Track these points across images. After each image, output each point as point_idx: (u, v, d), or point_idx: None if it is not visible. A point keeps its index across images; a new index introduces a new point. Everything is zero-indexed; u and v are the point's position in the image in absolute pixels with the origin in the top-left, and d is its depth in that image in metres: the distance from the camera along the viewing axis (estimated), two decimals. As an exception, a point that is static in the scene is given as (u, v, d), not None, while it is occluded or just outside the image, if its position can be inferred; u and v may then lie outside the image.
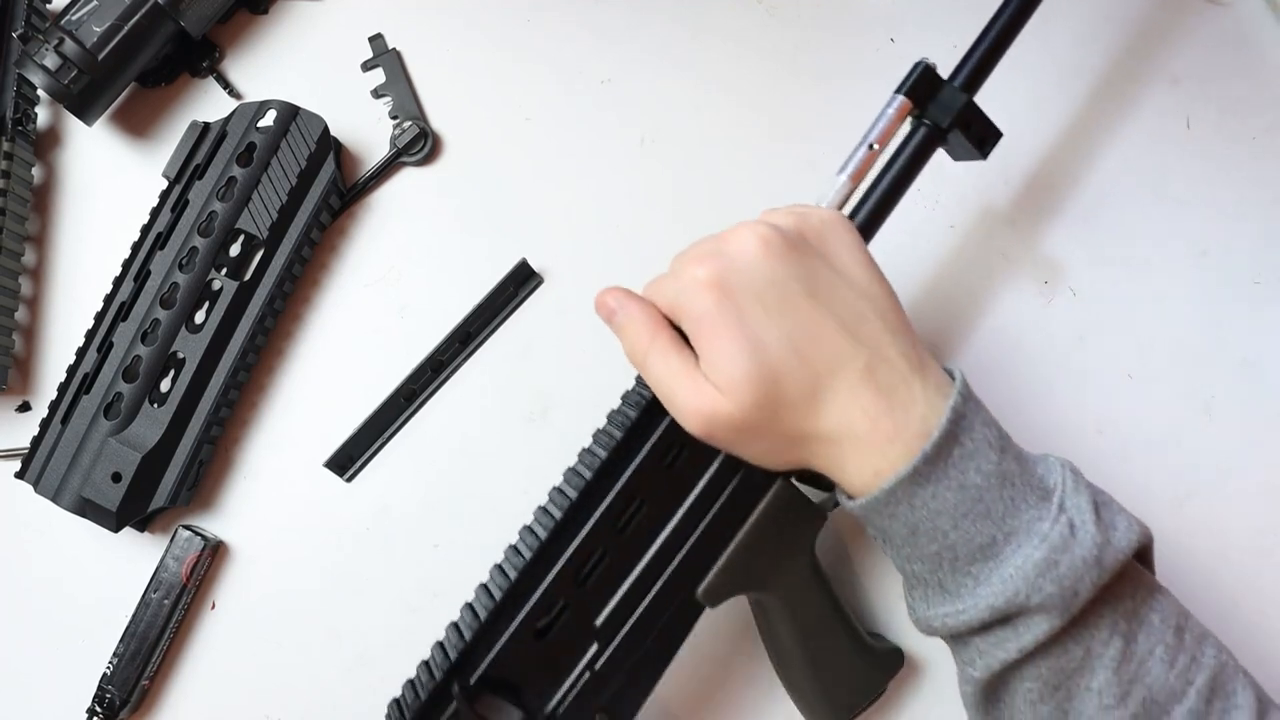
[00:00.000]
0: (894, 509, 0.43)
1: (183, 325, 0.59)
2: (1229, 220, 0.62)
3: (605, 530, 0.47)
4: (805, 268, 0.44)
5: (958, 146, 0.54)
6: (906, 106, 0.51)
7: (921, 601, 0.46)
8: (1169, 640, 0.43)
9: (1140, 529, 0.44)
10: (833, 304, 0.44)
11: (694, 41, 0.65)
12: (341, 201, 0.64)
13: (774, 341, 0.43)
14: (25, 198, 0.63)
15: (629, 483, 0.47)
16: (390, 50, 0.65)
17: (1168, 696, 0.42)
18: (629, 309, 0.46)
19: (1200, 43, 0.64)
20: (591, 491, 0.47)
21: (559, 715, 0.47)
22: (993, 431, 0.44)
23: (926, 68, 0.51)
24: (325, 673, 0.59)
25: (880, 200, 0.51)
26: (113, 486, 0.57)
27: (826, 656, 0.52)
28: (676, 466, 0.48)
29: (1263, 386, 0.60)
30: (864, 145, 0.50)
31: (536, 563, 0.47)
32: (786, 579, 0.50)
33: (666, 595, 0.48)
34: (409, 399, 0.61)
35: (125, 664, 0.59)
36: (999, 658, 0.43)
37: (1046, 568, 0.41)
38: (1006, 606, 0.42)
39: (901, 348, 0.44)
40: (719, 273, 0.43)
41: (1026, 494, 0.43)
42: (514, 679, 0.47)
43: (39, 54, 0.59)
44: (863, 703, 0.54)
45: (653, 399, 0.47)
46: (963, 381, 0.44)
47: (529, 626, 0.47)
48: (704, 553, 0.48)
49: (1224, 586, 0.57)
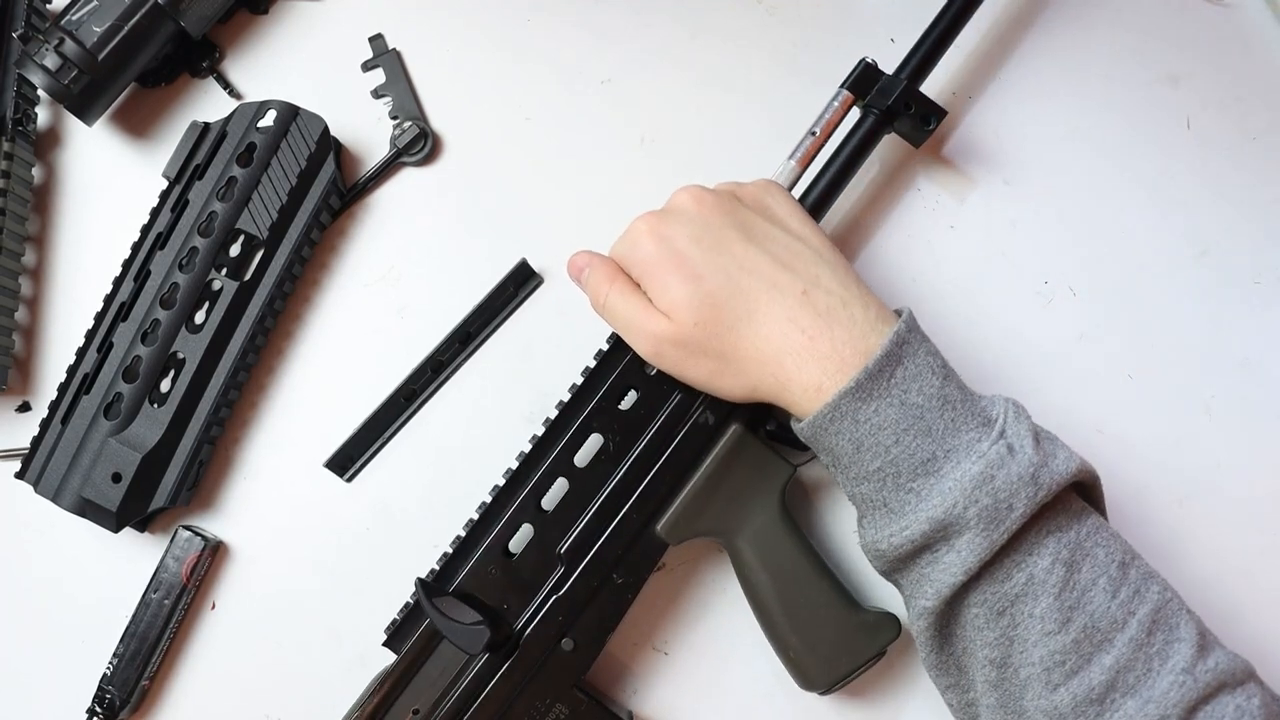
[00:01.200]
0: (839, 425, 0.46)
1: (183, 325, 0.59)
2: (1229, 220, 0.62)
3: (563, 460, 0.53)
4: (739, 217, 0.50)
5: (909, 129, 0.59)
6: (849, 99, 0.57)
7: (870, 527, 0.48)
8: (1113, 573, 0.45)
9: (1081, 462, 0.46)
10: (767, 244, 0.50)
11: (694, 41, 0.65)
12: (341, 201, 0.64)
13: (710, 273, 0.48)
14: (25, 198, 0.63)
15: (585, 418, 0.53)
16: (390, 50, 0.65)
17: (1109, 625, 0.44)
18: (594, 264, 0.53)
19: (1200, 43, 0.64)
20: (555, 428, 0.54)
21: (526, 634, 0.52)
22: (936, 361, 0.47)
23: (866, 64, 0.57)
24: (325, 673, 0.59)
25: (833, 178, 0.57)
26: (113, 486, 0.57)
27: (806, 612, 0.53)
28: (633, 407, 0.54)
29: (1263, 386, 0.60)
30: (809, 133, 0.57)
31: (506, 490, 0.54)
32: (755, 528, 0.53)
33: (627, 527, 0.53)
34: (409, 399, 0.61)
35: (125, 664, 0.59)
36: (947, 582, 0.45)
37: (983, 481, 0.44)
38: (945, 517, 0.44)
39: (840, 279, 0.49)
40: (658, 225, 0.50)
41: (968, 418, 0.46)
42: (489, 600, 0.53)
43: (39, 54, 0.59)
44: (848, 667, 0.53)
45: (609, 349, 0.54)
46: (909, 314, 0.48)
47: (498, 545, 0.53)
48: (665, 491, 0.53)
49: (1224, 586, 0.57)
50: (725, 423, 0.53)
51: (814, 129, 0.57)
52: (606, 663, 0.58)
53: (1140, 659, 0.44)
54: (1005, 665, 0.45)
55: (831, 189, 0.57)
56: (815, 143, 0.57)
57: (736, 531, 0.53)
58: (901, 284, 0.62)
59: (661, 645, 0.59)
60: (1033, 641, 0.45)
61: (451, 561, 0.54)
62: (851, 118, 0.58)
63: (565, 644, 0.53)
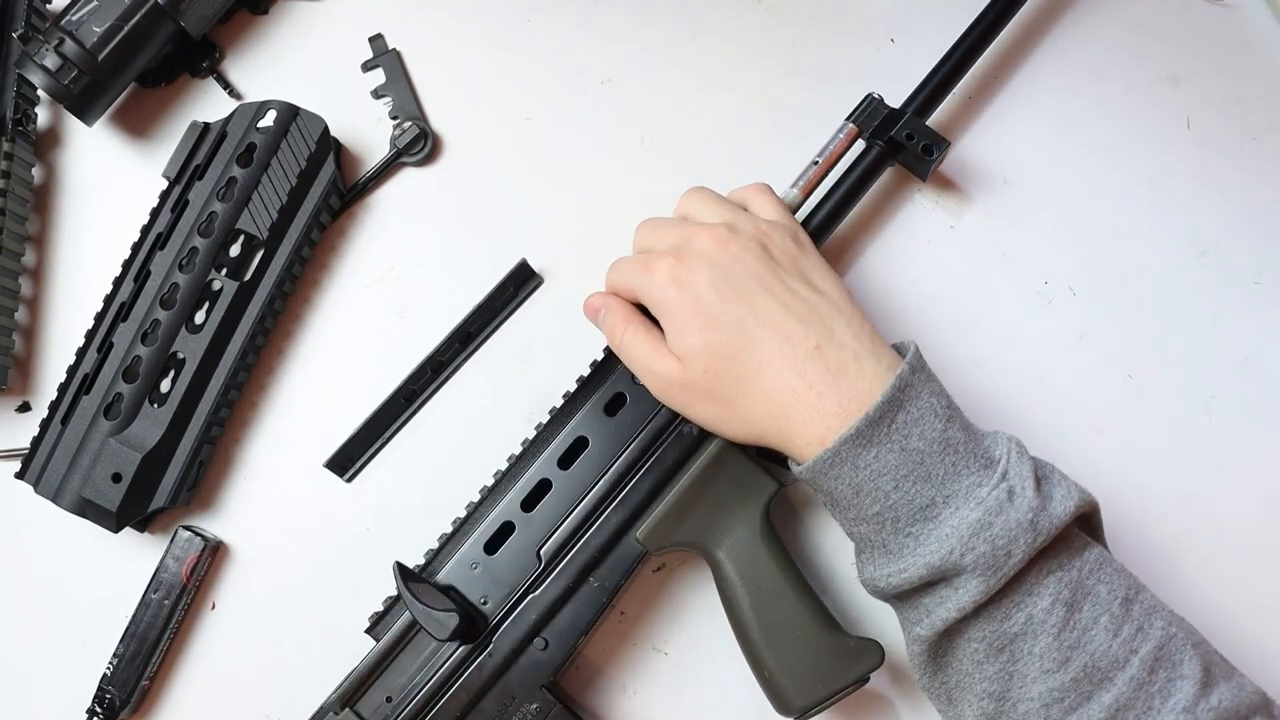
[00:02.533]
0: (838, 470, 0.46)
1: (183, 325, 0.59)
2: (1229, 220, 0.62)
3: (549, 463, 0.54)
4: (760, 266, 0.50)
5: (912, 161, 0.60)
6: (853, 132, 0.58)
7: (869, 563, 0.48)
8: (1115, 611, 0.45)
9: (1079, 495, 0.46)
10: (786, 297, 0.49)
11: (694, 41, 0.65)
12: (341, 202, 0.64)
13: (726, 324, 0.49)
14: (25, 198, 0.63)
15: (574, 423, 0.55)
16: (390, 50, 0.65)
17: (1110, 664, 0.44)
18: (609, 305, 0.53)
19: (1200, 43, 0.64)
20: (545, 432, 0.55)
21: (500, 630, 0.53)
22: (940, 401, 0.47)
23: (871, 99, 0.59)
24: (325, 673, 0.59)
25: (834, 208, 0.58)
26: (113, 487, 0.57)
27: (784, 632, 0.52)
28: (619, 416, 0.55)
29: (1263, 386, 0.60)
30: (812, 163, 0.58)
31: (494, 490, 0.55)
32: (735, 541, 0.53)
33: (606, 531, 0.54)
34: (409, 399, 0.61)
35: (125, 664, 0.59)
36: (942, 617, 0.45)
37: (980, 529, 0.44)
38: (942, 564, 0.44)
39: (855, 332, 0.49)
40: (680, 269, 0.50)
41: (970, 461, 0.46)
42: (469, 594, 0.54)
43: (39, 54, 0.59)
44: (824, 692, 0.51)
45: (602, 360, 0.56)
46: (914, 353, 0.48)
47: (480, 542, 0.54)
48: (645, 497, 0.54)
49: (1224, 586, 0.57)
50: (710, 434, 0.54)
51: (817, 158, 0.58)
52: (606, 662, 0.58)
53: (1141, 698, 0.43)
54: (1004, 699, 0.45)
55: (832, 218, 0.58)
56: (818, 171, 0.58)
57: (717, 543, 0.53)
58: (901, 284, 0.62)
59: (661, 645, 0.59)
60: (1031, 678, 0.44)
61: (437, 555, 0.55)
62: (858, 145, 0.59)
63: (538, 643, 0.53)
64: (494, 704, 0.53)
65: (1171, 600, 0.47)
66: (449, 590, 0.54)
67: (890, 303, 0.61)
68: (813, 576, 0.57)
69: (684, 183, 0.55)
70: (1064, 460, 0.59)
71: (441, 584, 0.54)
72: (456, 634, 0.51)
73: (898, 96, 0.60)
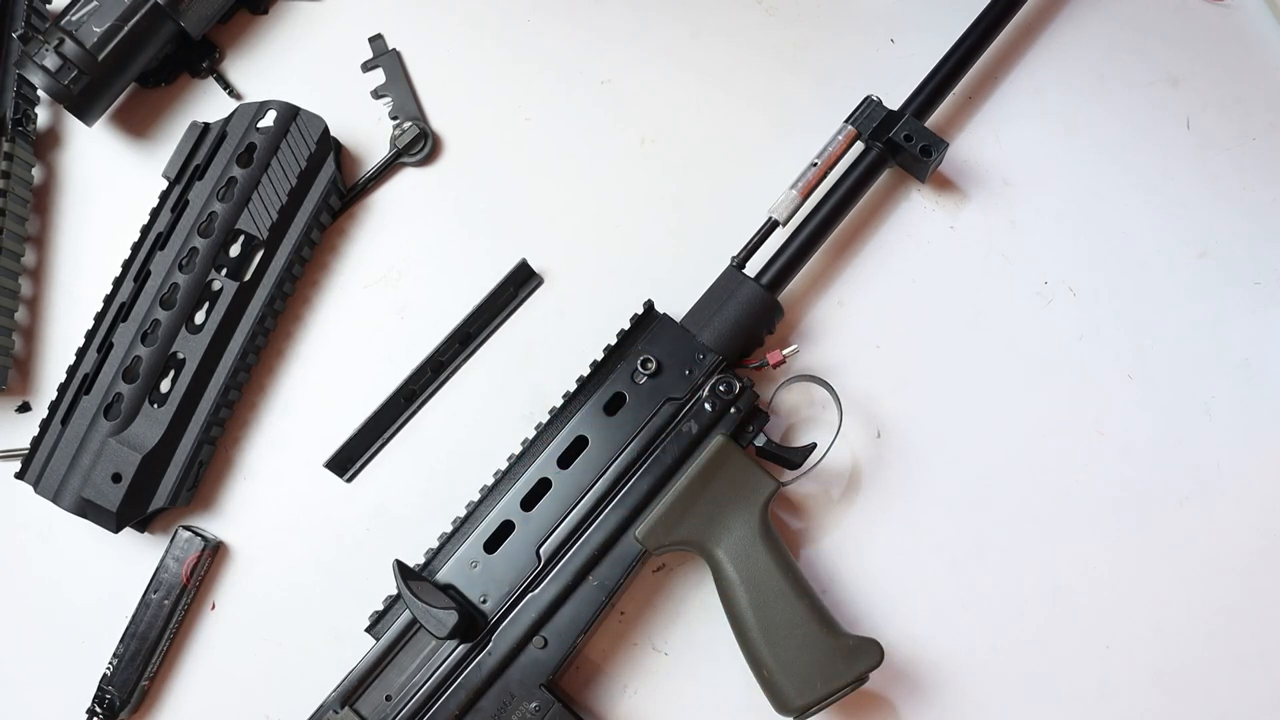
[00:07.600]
0: None
1: (183, 325, 0.59)
2: (1229, 220, 0.62)
3: (549, 462, 0.54)
4: None
5: (910, 162, 0.60)
6: (851, 134, 0.58)
7: None
8: None
9: None
10: None
11: (694, 41, 0.65)
12: (341, 202, 0.64)
13: None
14: (25, 198, 0.63)
15: (573, 423, 0.55)
16: (390, 50, 0.65)
17: None
18: None
19: (1200, 43, 0.64)
20: (545, 431, 0.55)
21: (499, 628, 0.53)
22: None
23: (870, 101, 0.59)
24: (325, 672, 0.59)
25: (833, 209, 0.58)
26: (113, 487, 0.57)
27: (782, 631, 0.52)
28: (619, 416, 0.55)
29: (1263, 386, 0.60)
30: (811, 164, 0.58)
31: (495, 489, 0.55)
32: (734, 540, 0.54)
33: (605, 530, 0.54)
34: (409, 399, 0.61)
35: (125, 664, 0.59)
36: None
37: None
38: None
39: None
40: None
41: None
42: (469, 592, 0.54)
43: (39, 54, 0.59)
44: (823, 691, 0.52)
45: (602, 360, 0.55)
46: None
47: (480, 541, 0.54)
48: (644, 496, 0.54)
49: (1224, 586, 0.57)
50: (709, 432, 0.54)
51: (816, 159, 0.58)
52: (606, 662, 0.58)
53: None
54: None
55: (830, 220, 0.59)
56: (817, 173, 0.58)
57: (716, 543, 0.54)
58: (902, 284, 0.62)
59: (661, 645, 0.59)
60: None
61: (437, 554, 0.55)
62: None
63: (537, 642, 0.53)
64: (493, 702, 0.53)
65: (1171, 600, 0.47)
66: (448, 588, 0.54)
67: (890, 303, 0.61)
68: (812, 576, 0.57)
69: (684, 183, 0.56)
70: (1064, 460, 0.59)
71: (441, 582, 0.54)
72: (456, 631, 0.51)
73: (897, 97, 0.60)
